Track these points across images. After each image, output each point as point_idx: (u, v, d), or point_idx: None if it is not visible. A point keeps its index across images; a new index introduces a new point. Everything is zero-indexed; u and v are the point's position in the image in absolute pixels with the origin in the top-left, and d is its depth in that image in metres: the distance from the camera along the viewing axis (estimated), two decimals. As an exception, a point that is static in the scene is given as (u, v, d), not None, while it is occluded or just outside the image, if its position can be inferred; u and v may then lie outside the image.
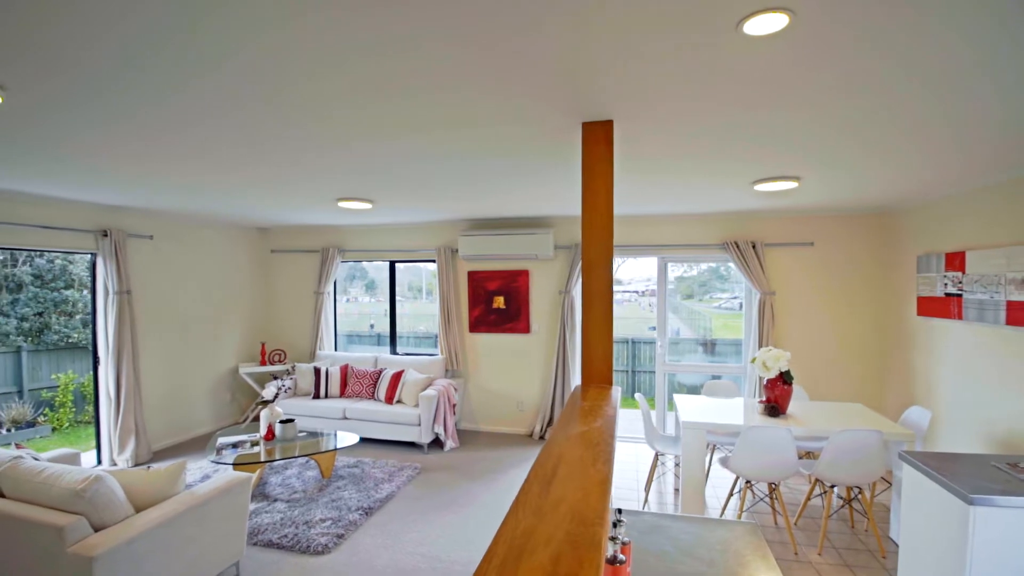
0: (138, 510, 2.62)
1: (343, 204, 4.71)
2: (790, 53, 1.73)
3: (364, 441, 5.71)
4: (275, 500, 4.21)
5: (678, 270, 7.64)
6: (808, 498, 3.80)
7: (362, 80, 1.98)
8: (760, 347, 5.24)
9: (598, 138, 2.45)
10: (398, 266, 6.83)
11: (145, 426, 5.28)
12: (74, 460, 3.48)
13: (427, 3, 1.44)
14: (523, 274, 6.10)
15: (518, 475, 4.82)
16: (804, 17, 1.49)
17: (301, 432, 4.87)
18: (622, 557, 1.34)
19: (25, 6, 1.44)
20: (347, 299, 8.47)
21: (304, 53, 1.74)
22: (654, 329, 5.95)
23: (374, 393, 5.87)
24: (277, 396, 5.93)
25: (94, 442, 5.16)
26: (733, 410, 4.05)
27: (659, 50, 1.71)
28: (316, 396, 5.96)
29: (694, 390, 6.19)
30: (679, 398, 4.38)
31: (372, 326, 8.90)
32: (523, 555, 1.02)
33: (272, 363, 6.65)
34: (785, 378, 3.86)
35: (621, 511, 1.69)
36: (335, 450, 4.50)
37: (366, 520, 3.92)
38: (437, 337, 6.40)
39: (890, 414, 5.03)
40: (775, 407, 3.86)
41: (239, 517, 3.04)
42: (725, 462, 3.68)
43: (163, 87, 2.03)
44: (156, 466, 2.81)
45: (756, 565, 1.71)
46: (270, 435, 4.56)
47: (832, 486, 3.58)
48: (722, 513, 3.99)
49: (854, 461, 3.35)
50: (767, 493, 4.14)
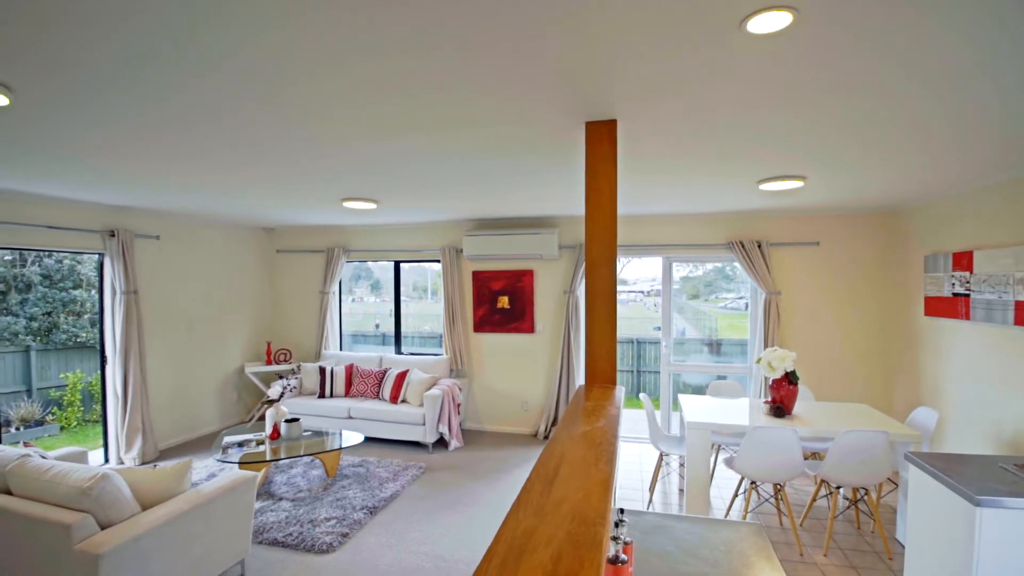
0: (144, 508, 2.64)
1: (348, 204, 4.72)
2: (793, 52, 1.72)
3: (369, 440, 5.72)
4: (280, 499, 4.23)
5: (683, 270, 7.62)
6: (814, 499, 3.78)
7: (362, 80, 1.98)
8: (765, 347, 5.22)
9: (601, 138, 2.44)
10: (403, 266, 6.84)
11: (152, 425, 5.31)
12: (81, 458, 3.51)
13: (427, 3, 1.44)
14: (528, 274, 6.10)
15: (522, 475, 4.82)
16: (807, 15, 1.49)
17: (306, 431, 4.89)
18: (624, 557, 1.34)
19: (25, 6, 1.45)
20: (352, 299, 8.49)
21: (304, 53, 1.75)
22: (659, 329, 5.94)
23: (379, 393, 5.88)
24: (282, 395, 5.96)
25: (101, 441, 5.20)
26: (738, 410, 4.04)
27: (662, 49, 1.71)
28: (321, 395, 5.99)
29: (699, 390, 6.17)
30: (684, 398, 4.37)
31: (377, 326, 8.91)
32: (524, 554, 1.02)
33: (278, 362, 6.69)
34: (790, 378, 3.84)
35: (623, 511, 1.69)
36: (340, 449, 4.52)
37: (370, 519, 3.93)
38: (442, 337, 6.41)
39: (897, 415, 5.00)
40: (780, 407, 3.84)
41: (244, 515, 3.06)
42: (730, 462, 3.67)
43: (163, 87, 2.04)
44: (162, 464, 2.83)
45: (760, 566, 1.70)
46: (275, 434, 4.58)
47: (838, 487, 3.56)
48: (727, 514, 3.97)
49: (860, 462, 3.33)
50: (772, 494, 4.12)
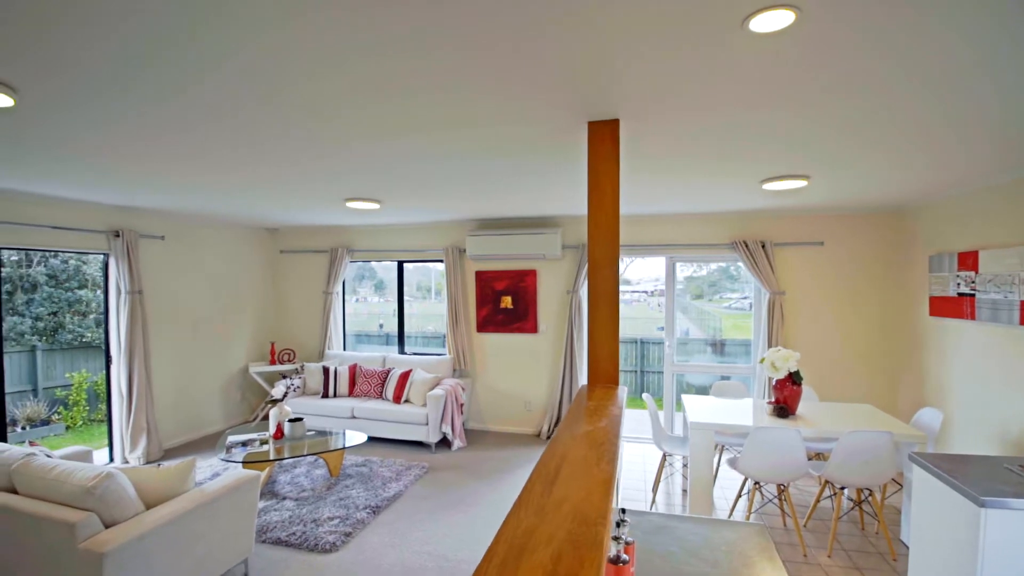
0: (148, 507, 2.65)
1: (351, 204, 4.73)
2: (795, 51, 1.72)
3: (372, 440, 5.73)
4: (284, 498, 4.24)
5: (688, 270, 7.60)
6: (818, 500, 3.77)
7: (362, 80, 1.98)
8: (769, 347, 5.20)
9: (604, 137, 2.44)
10: (407, 266, 6.85)
11: (156, 424, 5.33)
12: (86, 457, 3.53)
13: (427, 3, 1.45)
14: (531, 274, 6.10)
15: (525, 475, 4.82)
16: (810, 14, 1.48)
17: (310, 431, 4.90)
18: (625, 557, 1.34)
19: (26, 5, 1.45)
20: (356, 299, 8.50)
21: (304, 53, 1.75)
22: (662, 329, 5.93)
23: (382, 392, 5.89)
24: (286, 395, 5.98)
25: (107, 440, 5.22)
26: (742, 411, 4.02)
27: (665, 48, 1.71)
28: (325, 395, 6.00)
29: (703, 391, 6.15)
30: (687, 398, 4.36)
31: (381, 326, 8.92)
32: (524, 554, 1.02)
33: (281, 362, 6.71)
34: (794, 379, 3.83)
35: (625, 511, 1.69)
36: (343, 449, 4.53)
37: (374, 519, 3.94)
38: (445, 337, 6.42)
39: (901, 415, 4.98)
40: (784, 408, 3.83)
41: (248, 514, 3.07)
42: (733, 463, 3.66)
43: (163, 87, 2.04)
44: (166, 464, 2.84)
45: (762, 566, 1.70)
46: (279, 434, 4.60)
47: (842, 488, 3.54)
48: (730, 514, 3.96)
49: (864, 463, 3.31)
50: (776, 494, 4.11)
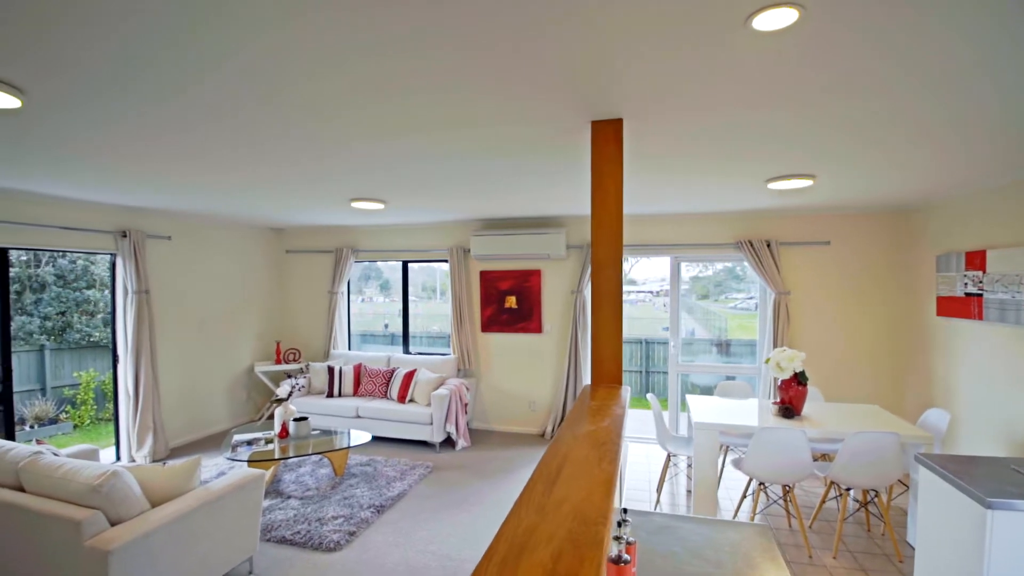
0: (154, 505, 2.67)
1: (355, 204, 4.75)
2: (797, 50, 1.71)
3: (376, 440, 5.75)
4: (289, 497, 4.26)
5: (693, 270, 7.57)
6: (823, 501, 3.74)
7: (362, 80, 1.98)
8: (775, 347, 5.18)
9: (607, 137, 2.44)
10: (412, 266, 6.87)
11: (163, 423, 5.37)
12: (93, 456, 3.55)
13: (427, 3, 1.45)
14: (535, 274, 6.10)
15: (529, 475, 4.81)
16: (812, 12, 1.47)
17: (315, 430, 4.92)
18: (627, 557, 1.34)
19: (27, 6, 1.45)
20: (362, 299, 8.52)
21: (304, 53, 1.75)
22: (668, 329, 5.91)
23: (387, 392, 5.91)
24: (291, 394, 6.00)
25: (114, 439, 5.26)
26: (747, 411, 4.01)
27: (668, 47, 1.70)
28: (330, 395, 6.02)
29: (708, 391, 6.13)
30: (691, 398, 4.35)
31: (386, 326, 8.95)
32: (524, 553, 1.02)
33: (287, 362, 6.73)
34: (800, 379, 3.81)
35: (627, 511, 1.69)
36: (348, 448, 4.54)
37: (378, 518, 3.95)
38: (449, 337, 6.43)
39: (908, 416, 4.95)
40: (789, 408, 3.81)
41: (253, 513, 3.08)
42: (738, 463, 3.64)
43: (163, 87, 2.04)
44: (172, 462, 2.86)
45: (765, 567, 1.69)
46: (284, 433, 4.61)
47: (848, 489, 3.52)
48: (735, 515, 3.95)
49: (870, 463, 3.29)
50: (781, 495, 4.10)
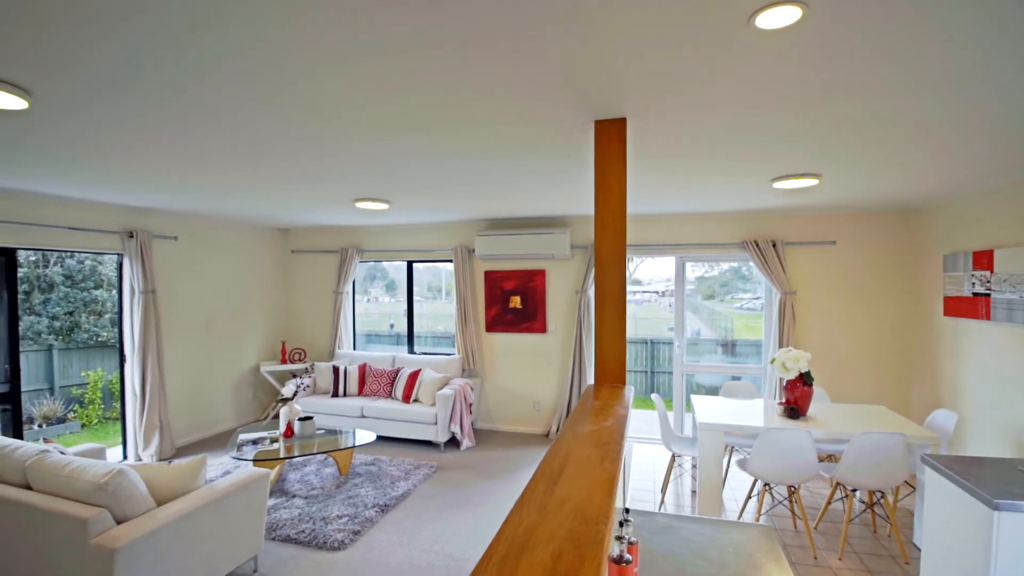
0: (160, 504, 2.68)
1: (360, 205, 4.76)
2: (800, 49, 1.71)
3: (381, 439, 5.76)
4: (293, 496, 4.28)
5: (699, 270, 7.55)
6: (829, 502, 3.72)
7: (362, 80, 1.98)
8: (780, 348, 5.15)
9: (611, 136, 2.43)
10: (417, 266, 6.88)
11: (169, 422, 5.40)
12: (99, 455, 3.58)
13: (428, 3, 1.45)
14: (540, 274, 6.09)
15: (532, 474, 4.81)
16: (816, 10, 1.47)
17: (320, 430, 4.94)
18: (629, 557, 1.33)
19: (25, 5, 1.45)
20: (368, 299, 8.55)
21: (304, 53, 1.75)
22: (673, 330, 5.90)
23: (391, 392, 5.92)
24: (296, 394, 6.02)
25: (121, 438, 5.30)
26: (752, 411, 3.99)
27: (671, 46, 1.70)
28: (335, 394, 6.04)
29: (713, 391, 6.11)
30: (696, 399, 4.33)
31: (392, 326, 8.97)
32: (524, 552, 1.02)
33: (292, 361, 6.76)
34: (805, 379, 3.79)
35: (628, 511, 1.68)
36: (352, 448, 4.56)
37: (382, 517, 3.96)
38: (454, 337, 6.44)
39: (915, 417, 4.91)
40: (795, 409, 3.79)
41: (257, 512, 3.10)
42: (743, 464, 3.63)
43: (163, 88, 2.05)
44: (178, 461, 2.88)
45: (769, 568, 1.68)
46: (289, 432, 4.63)
47: (854, 490, 3.50)
48: (740, 516, 3.93)
49: (876, 464, 3.27)
50: (786, 496, 4.07)
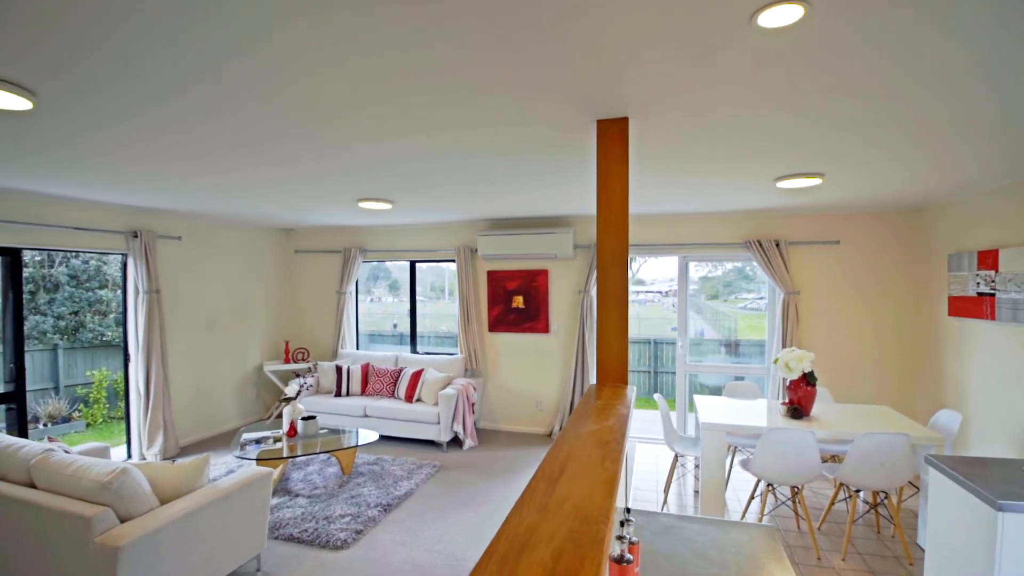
0: (163, 502, 2.69)
1: (363, 205, 4.77)
2: (801, 48, 1.70)
3: (384, 439, 5.77)
4: (296, 495, 4.29)
5: (703, 270, 7.54)
6: (832, 502, 3.71)
7: (362, 80, 1.99)
8: (784, 348, 5.14)
9: (613, 136, 2.43)
10: (421, 266, 6.89)
11: (173, 421, 5.42)
12: (103, 454, 3.59)
13: (428, 3, 1.45)
14: (542, 274, 6.09)
15: (536, 475, 4.81)
16: (818, 9, 1.46)
17: (323, 429, 4.95)
18: (629, 557, 1.33)
19: (25, 4, 1.46)
20: (371, 299, 8.56)
21: (304, 53, 1.75)
22: (676, 330, 5.89)
23: (394, 391, 5.92)
24: (299, 393, 6.04)
25: (125, 437, 5.32)
26: (755, 411, 3.98)
27: (673, 45, 1.70)
28: (338, 394, 6.05)
29: (716, 391, 6.10)
30: (699, 399, 4.32)
31: (395, 325, 8.98)
32: (524, 551, 1.02)
33: (295, 361, 6.77)
34: (809, 379, 3.78)
35: (630, 510, 1.68)
36: (355, 447, 4.56)
37: (385, 516, 3.96)
38: (457, 337, 6.44)
39: (919, 417, 4.89)
40: (798, 409, 3.78)
41: (260, 511, 3.10)
42: (746, 464, 3.62)
43: (163, 88, 2.05)
44: (182, 460, 2.89)
45: (770, 568, 1.68)
46: (292, 432, 4.65)
47: (857, 490, 3.49)
48: (743, 516, 3.92)
49: (880, 465, 3.26)
50: (790, 497, 4.06)
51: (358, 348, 7.16)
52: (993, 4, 1.42)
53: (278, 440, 4.56)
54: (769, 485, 3.62)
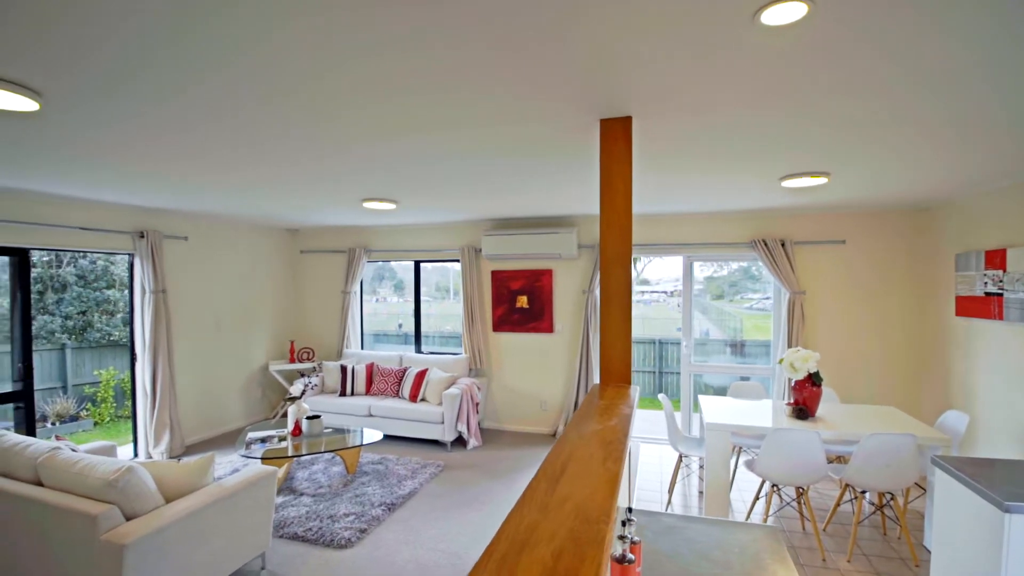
0: (168, 501, 2.71)
1: (367, 205, 4.78)
2: (804, 47, 1.69)
3: (388, 438, 5.78)
4: (301, 494, 4.30)
5: (708, 270, 7.51)
6: (838, 503, 3.69)
7: (362, 80, 1.99)
8: (789, 348, 5.11)
9: (616, 135, 2.43)
10: (425, 266, 6.90)
11: (179, 421, 5.45)
12: (110, 452, 3.62)
13: (428, 3, 1.45)
14: (546, 273, 6.09)
15: (540, 474, 4.80)
16: (821, 7, 1.45)
17: (327, 428, 4.96)
18: (631, 556, 1.33)
19: (26, 4, 1.46)
20: (376, 299, 8.58)
21: (304, 53, 1.75)
22: (681, 330, 5.87)
23: (399, 391, 5.94)
24: (304, 393, 6.06)
25: (132, 436, 5.35)
26: (760, 412, 3.97)
27: (676, 43, 1.69)
28: (342, 393, 6.07)
29: (721, 392, 6.08)
30: (704, 399, 4.31)
31: (400, 325, 9.00)
32: (525, 550, 1.02)
33: (300, 361, 6.80)
34: (814, 379, 3.76)
35: (631, 510, 1.68)
36: (360, 446, 4.57)
37: (389, 516, 3.97)
38: (461, 336, 6.45)
39: (925, 418, 4.85)
40: (803, 409, 3.76)
41: (265, 509, 3.12)
42: (751, 465, 3.60)
43: (163, 88, 2.06)
44: (187, 459, 2.90)
45: (774, 569, 1.67)
46: (297, 431, 4.66)
47: (863, 491, 3.47)
48: (747, 517, 3.91)
49: (886, 466, 3.24)
50: (795, 497, 4.04)
51: (363, 348, 7.19)
52: (993, 4, 1.42)
53: (283, 439, 4.58)
54: (774, 486, 3.60)
